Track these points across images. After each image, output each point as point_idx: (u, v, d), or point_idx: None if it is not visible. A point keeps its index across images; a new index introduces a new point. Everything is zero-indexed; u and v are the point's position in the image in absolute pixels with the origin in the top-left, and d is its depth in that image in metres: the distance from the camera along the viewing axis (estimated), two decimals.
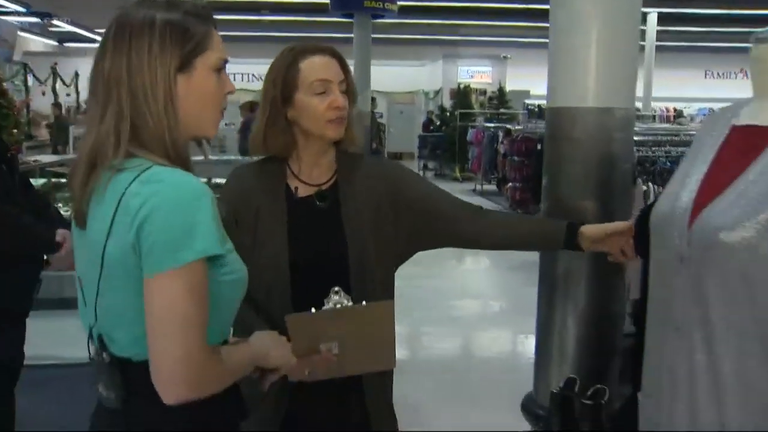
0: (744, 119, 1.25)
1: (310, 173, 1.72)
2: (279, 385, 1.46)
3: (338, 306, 1.57)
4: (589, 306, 2.11)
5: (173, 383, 1.09)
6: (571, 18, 2.07)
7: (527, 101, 18.06)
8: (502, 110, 15.30)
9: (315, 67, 1.64)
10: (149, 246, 1.07)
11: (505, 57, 18.83)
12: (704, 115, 17.13)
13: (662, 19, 14.15)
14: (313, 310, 1.47)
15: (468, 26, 16.00)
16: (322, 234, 1.69)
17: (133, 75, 1.17)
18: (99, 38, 1.43)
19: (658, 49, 15.13)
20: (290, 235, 1.66)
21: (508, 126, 11.45)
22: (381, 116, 12.76)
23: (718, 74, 19.69)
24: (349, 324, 1.53)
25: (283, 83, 1.64)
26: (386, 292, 1.68)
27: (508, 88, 17.44)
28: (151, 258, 1.07)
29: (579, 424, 1.74)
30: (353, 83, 1.71)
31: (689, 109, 18.34)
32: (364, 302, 1.52)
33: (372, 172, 1.74)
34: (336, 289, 1.59)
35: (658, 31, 14.73)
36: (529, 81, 18.38)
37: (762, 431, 1.12)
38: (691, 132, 7.20)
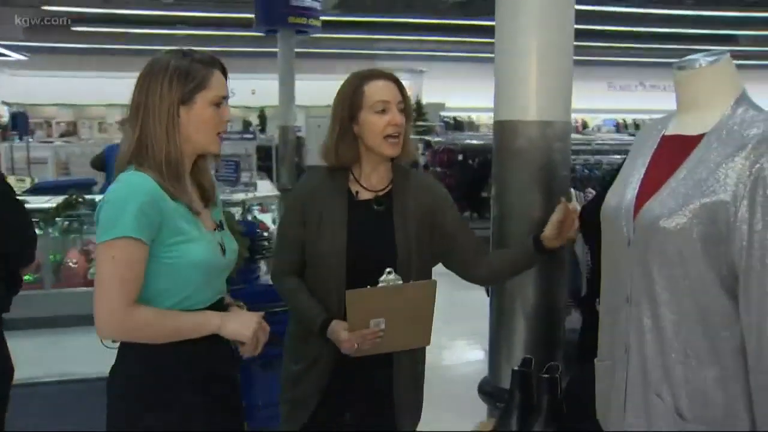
0: (671, 130, 1.53)
1: (369, 180, 2.06)
2: (323, 362, 1.96)
3: (390, 284, 1.85)
4: (536, 300, 2.36)
5: (100, 327, 1.58)
6: (513, 36, 2.30)
7: (442, 113, 18.58)
8: (419, 123, 15.74)
9: (377, 90, 1.97)
10: (97, 224, 1.60)
11: (421, 71, 19.33)
12: (612, 125, 18.10)
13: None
14: (369, 287, 1.77)
15: (386, 41, 16.40)
16: (376, 233, 2.01)
17: (148, 105, 1.64)
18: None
19: None
20: (349, 231, 1.98)
21: (427, 138, 11.86)
22: (299, 130, 13.08)
23: (620, 86, 20.82)
24: (398, 301, 1.84)
25: (350, 104, 1.97)
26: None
27: (424, 101, 17.93)
28: (97, 233, 1.60)
29: (538, 397, 1.97)
30: (410, 105, 2.05)
31: (596, 119, 19.28)
32: (411, 281, 1.84)
33: (422, 185, 2.11)
34: (389, 269, 1.89)
35: None
36: (444, 93, 18.94)
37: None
38: (599, 142, 7.78)
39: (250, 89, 16.47)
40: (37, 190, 5.72)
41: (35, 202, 4.05)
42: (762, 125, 1.35)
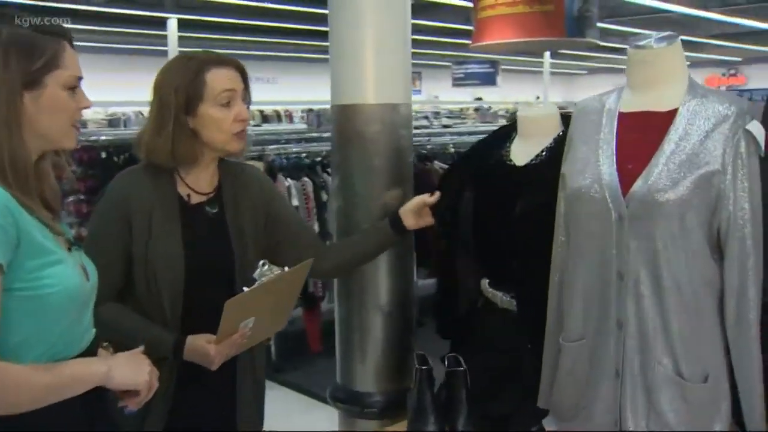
0: (628, 107, 1.59)
1: (198, 181, 1.79)
2: (164, 381, 1.55)
3: (267, 277, 1.62)
4: (389, 293, 2.25)
5: None
6: (348, 9, 2.14)
7: None
8: None
9: (221, 79, 1.71)
10: None
11: None
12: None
13: (183, 25, 14.56)
14: (246, 289, 1.56)
15: None
16: (213, 241, 1.79)
17: None
18: None
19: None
20: (185, 241, 1.73)
21: None
22: None
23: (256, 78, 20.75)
24: (273, 292, 1.64)
25: (187, 94, 1.67)
26: None
27: None
28: None
29: (450, 393, 1.90)
30: (251, 96, 1.80)
31: None
32: (286, 268, 1.64)
33: (249, 178, 1.89)
34: (262, 261, 1.66)
35: (180, 37, 15.09)
36: None
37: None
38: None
39: None
40: None
41: None
42: (734, 100, 1.49)
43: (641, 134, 1.53)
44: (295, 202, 4.34)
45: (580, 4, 4.67)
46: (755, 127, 1.45)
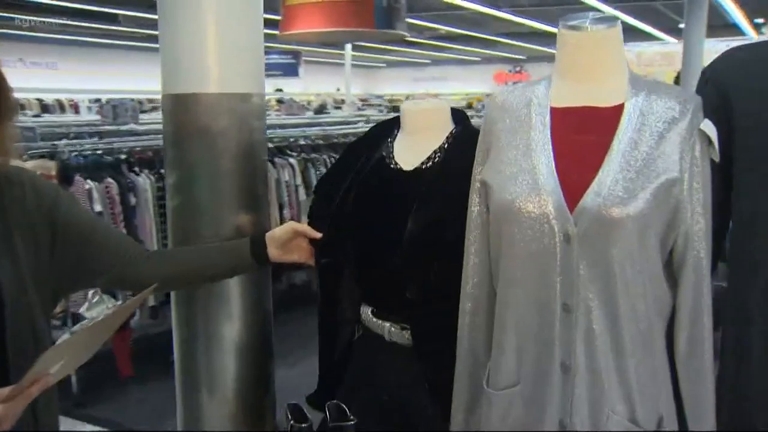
0: (562, 101, 1.31)
1: None
2: None
3: (103, 314, 1.26)
4: (244, 318, 1.84)
5: None
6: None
7: None
8: None
9: None
10: None
11: None
12: None
13: None
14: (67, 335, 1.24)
15: None
16: None
17: None
18: None
19: None
20: None
21: None
22: None
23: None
24: (102, 329, 1.27)
25: None
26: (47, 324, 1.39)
27: None
28: None
29: None
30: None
31: None
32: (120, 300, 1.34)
33: (26, 188, 1.36)
34: (93, 291, 1.43)
35: None
36: None
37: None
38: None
39: None
40: None
41: None
42: (686, 95, 1.27)
43: (581, 135, 1.26)
44: (98, 207, 3.69)
45: None
46: (708, 127, 1.24)
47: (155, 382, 3.95)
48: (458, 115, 1.70)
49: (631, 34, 16.28)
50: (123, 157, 4.17)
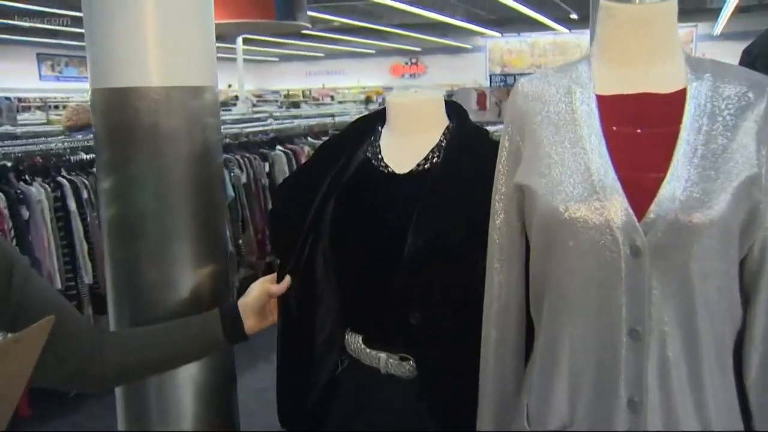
0: (606, 89, 1.11)
1: None
2: None
3: None
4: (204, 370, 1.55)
5: None
6: None
7: None
8: None
9: None
10: None
11: None
12: None
13: None
14: None
15: None
16: None
17: None
18: None
19: None
20: None
21: None
22: None
23: None
24: None
25: None
26: None
27: None
28: None
29: None
30: None
31: None
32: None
33: None
34: None
35: None
36: None
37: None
38: None
39: None
40: None
41: None
42: (758, 78, 1.09)
43: (639, 127, 1.06)
44: None
45: None
46: None
47: (58, 420, 3.51)
48: (453, 109, 1.47)
49: (525, 24, 16.65)
50: (9, 164, 3.66)
